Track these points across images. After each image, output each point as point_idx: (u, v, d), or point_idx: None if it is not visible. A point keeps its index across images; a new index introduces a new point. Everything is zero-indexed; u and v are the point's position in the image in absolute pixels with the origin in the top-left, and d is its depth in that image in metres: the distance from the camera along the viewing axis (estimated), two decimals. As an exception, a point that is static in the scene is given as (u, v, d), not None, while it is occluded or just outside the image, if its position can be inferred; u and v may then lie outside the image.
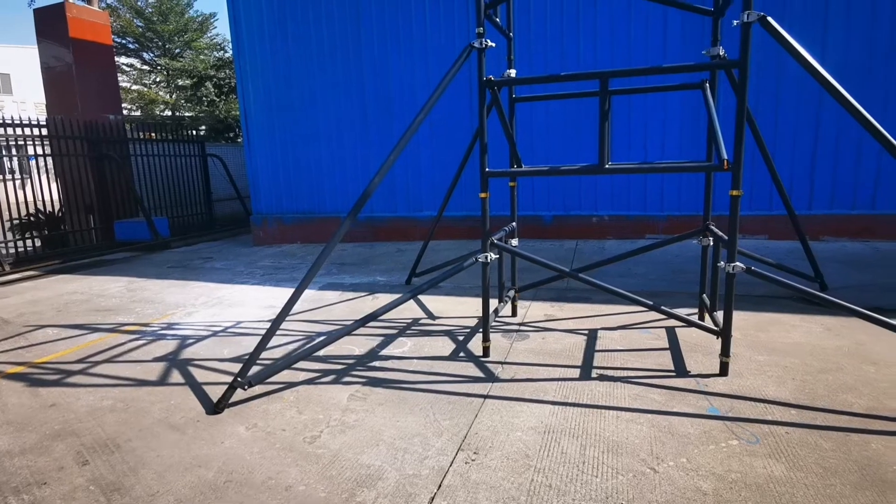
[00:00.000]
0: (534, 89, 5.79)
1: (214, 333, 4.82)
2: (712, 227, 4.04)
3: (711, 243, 4.18)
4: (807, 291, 3.17)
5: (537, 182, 8.40)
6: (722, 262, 3.35)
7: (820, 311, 4.52)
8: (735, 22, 3.08)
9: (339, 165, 9.55)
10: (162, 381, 3.76)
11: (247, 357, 3.41)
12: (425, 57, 8.69)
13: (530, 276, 5.45)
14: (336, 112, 9.39)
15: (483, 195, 3.59)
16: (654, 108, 7.59)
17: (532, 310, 5.02)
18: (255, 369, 3.36)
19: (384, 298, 5.72)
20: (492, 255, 3.71)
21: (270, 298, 6.04)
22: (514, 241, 4.58)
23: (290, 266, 7.92)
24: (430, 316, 5.04)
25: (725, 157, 3.07)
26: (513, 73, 4.30)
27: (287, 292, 6.10)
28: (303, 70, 9.45)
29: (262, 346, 3.25)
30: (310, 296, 5.99)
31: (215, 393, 3.42)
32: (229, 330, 4.91)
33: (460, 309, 5.20)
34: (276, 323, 3.31)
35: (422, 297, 5.60)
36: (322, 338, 3.79)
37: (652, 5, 7.22)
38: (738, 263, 3.23)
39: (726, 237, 3.34)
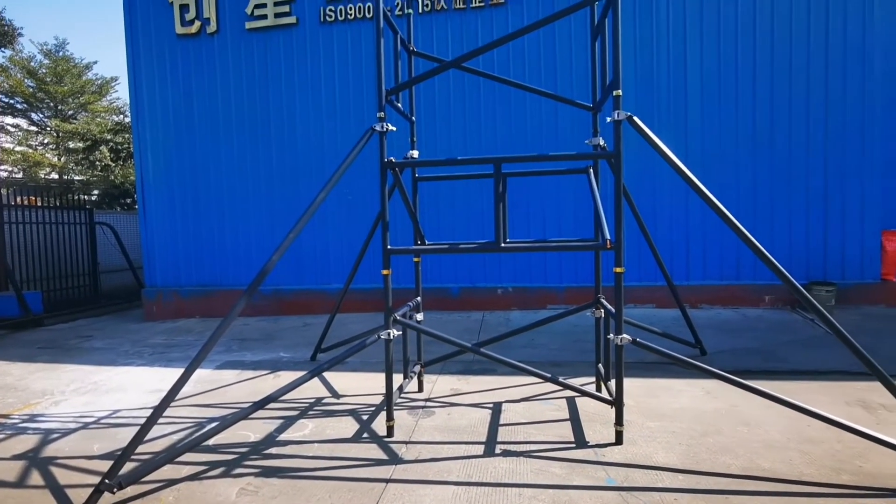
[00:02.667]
0: (436, 168, 6.07)
1: (85, 426, 4.29)
2: (602, 301, 4.33)
3: (602, 315, 4.45)
4: (684, 360, 3.44)
5: (444, 255, 8.62)
6: (611, 335, 3.57)
7: (701, 375, 4.89)
8: (608, 119, 3.48)
9: (244, 236, 9.25)
10: (19, 483, 3.26)
11: (119, 453, 3.06)
12: (333, 132, 8.87)
13: (438, 348, 5.46)
14: (241, 182, 9.21)
15: (385, 272, 3.62)
16: (550, 189, 8.19)
17: (439, 384, 4.99)
18: (129, 467, 3.01)
19: (287, 376, 5.44)
20: (394, 332, 3.70)
21: (158, 381, 5.53)
22: (419, 316, 4.61)
23: (186, 343, 7.36)
24: (335, 394, 4.85)
25: (608, 237, 3.36)
26: (415, 153, 4.50)
27: (178, 374, 5.63)
28: (207, 138, 9.27)
29: (139, 438, 2.94)
30: (204, 376, 5.56)
31: (79, 497, 3.00)
32: (103, 421, 4.40)
33: (367, 385, 5.06)
34: (159, 410, 3.03)
35: (327, 374, 5.39)
36: (213, 424, 3.50)
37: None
38: (625, 335, 3.46)
39: (614, 310, 3.59)
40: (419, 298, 4.75)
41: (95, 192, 17.60)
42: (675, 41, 8.01)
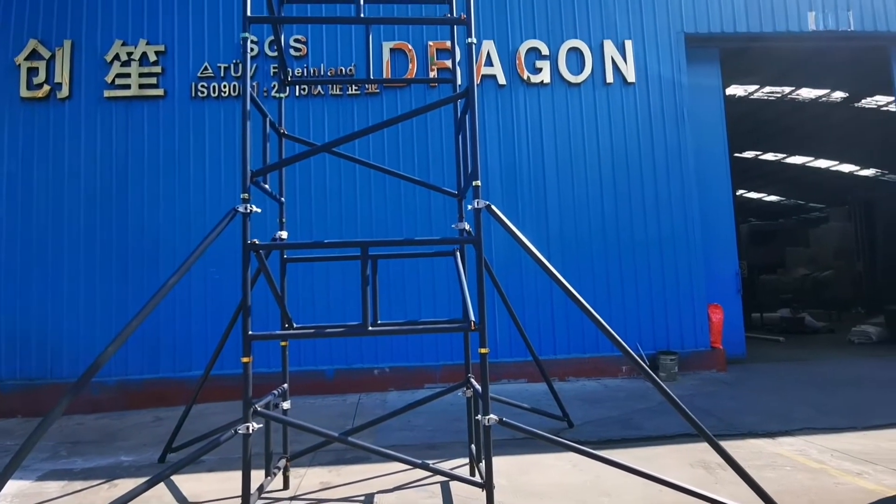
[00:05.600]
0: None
1: None
2: (471, 380, 4.41)
3: (472, 394, 4.52)
4: (548, 438, 3.58)
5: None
6: (479, 416, 3.62)
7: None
8: (469, 207, 3.72)
9: (86, 322, 8.16)
10: None
11: None
12: (202, 211, 8.37)
13: (310, 437, 5.10)
14: (87, 261, 8.26)
15: (245, 360, 3.39)
16: (426, 268, 8.40)
17: (307, 478, 4.63)
18: None
19: (126, 485, 4.70)
20: (254, 425, 3.42)
21: (-51, 505, 4.48)
22: (286, 404, 4.33)
23: (2, 449, 6.12)
24: (184, 503, 4.27)
25: (473, 318, 3.49)
26: (284, 234, 4.42)
27: (-21, 493, 4.61)
28: (47, 211, 8.29)
29: None
30: (23, 489, 4.63)
31: None
32: None
33: (225, 488, 4.53)
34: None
35: (177, 478, 4.75)
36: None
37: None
38: (492, 416, 3.53)
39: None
40: (286, 385, 4.48)
41: None
42: (533, 133, 8.94)
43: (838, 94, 15.66)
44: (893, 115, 10.57)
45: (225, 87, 8.66)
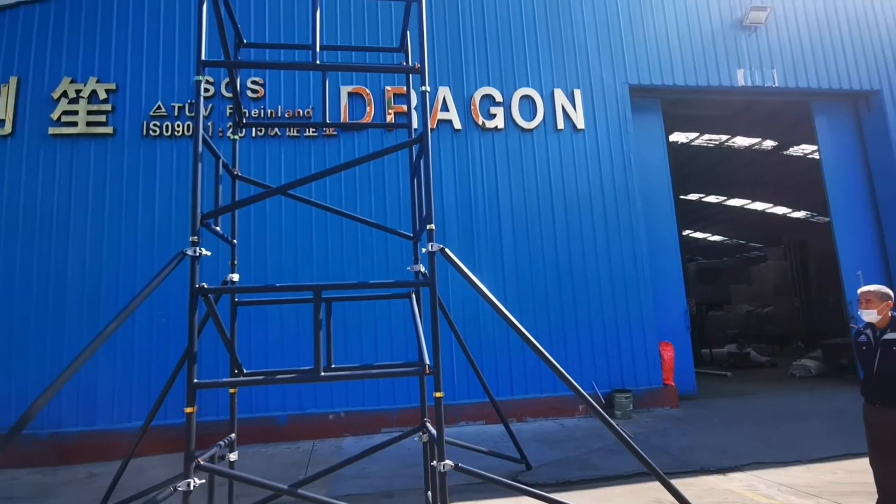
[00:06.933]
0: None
1: None
2: (427, 425, 4.34)
3: (428, 439, 4.44)
4: (504, 482, 3.54)
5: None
6: (434, 462, 3.55)
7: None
8: (424, 250, 3.76)
9: (18, 373, 7.61)
10: None
11: None
12: (150, 253, 8.08)
13: (258, 490, 4.85)
14: (22, 306, 7.79)
15: (189, 410, 3.24)
16: (383, 311, 8.30)
17: (254, 536, 4.38)
18: None
19: (51, 551, 4.32)
20: (195, 481, 3.24)
21: None
22: (233, 456, 4.13)
23: None
24: (116, 568, 3.95)
25: (427, 362, 3.47)
26: (235, 277, 4.32)
27: None
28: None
29: None
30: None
31: None
32: None
33: (162, 549, 4.22)
34: None
35: (110, 541, 4.41)
36: None
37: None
38: (447, 462, 3.47)
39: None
40: (234, 435, 4.28)
41: None
42: (488, 176, 9.14)
43: (769, 143, 16.88)
44: (817, 162, 11.46)
45: (179, 126, 8.55)
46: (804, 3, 10.84)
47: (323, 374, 3.39)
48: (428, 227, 3.70)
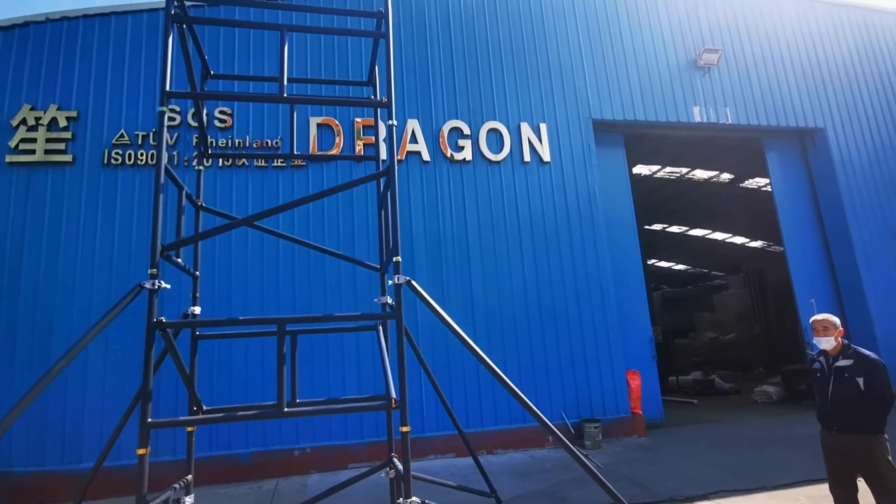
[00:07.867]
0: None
1: None
2: (394, 460, 4.25)
3: (395, 475, 4.34)
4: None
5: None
6: (401, 499, 3.46)
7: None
8: (390, 282, 3.74)
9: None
10: None
11: None
12: (108, 286, 7.81)
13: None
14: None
15: (141, 451, 3.09)
16: (350, 344, 8.12)
17: (211, 584, 4.15)
18: None
19: None
20: (147, 529, 3.07)
21: None
22: (189, 499, 3.94)
23: None
24: None
25: (394, 395, 3.42)
26: (197, 310, 4.20)
27: None
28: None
29: None
30: None
31: None
32: None
33: None
34: None
35: None
36: None
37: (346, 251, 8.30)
38: (414, 499, 3.39)
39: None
40: (190, 476, 4.09)
41: None
42: (456, 207, 9.23)
43: (726, 176, 17.61)
44: (770, 194, 12.02)
45: (142, 154, 8.40)
46: (752, 46, 11.52)
47: (287, 409, 3.30)
48: (394, 259, 3.70)
